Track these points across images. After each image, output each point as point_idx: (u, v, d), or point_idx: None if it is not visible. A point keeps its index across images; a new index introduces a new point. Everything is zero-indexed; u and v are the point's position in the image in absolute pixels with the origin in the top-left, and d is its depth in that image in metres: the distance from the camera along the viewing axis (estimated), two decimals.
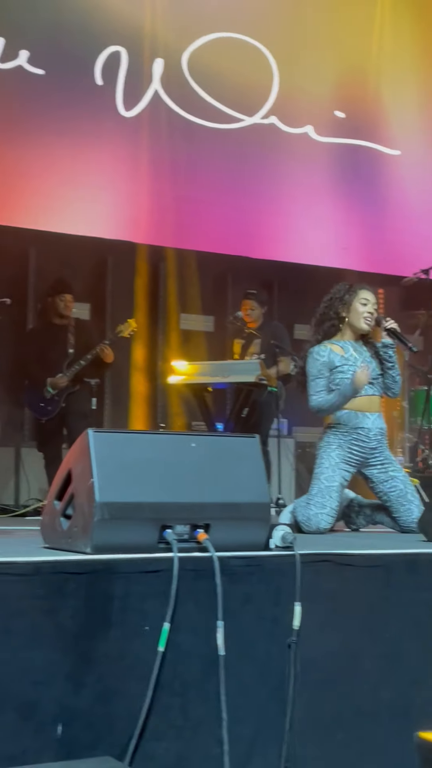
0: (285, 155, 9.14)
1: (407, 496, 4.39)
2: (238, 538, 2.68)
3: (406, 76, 9.85)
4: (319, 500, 4.27)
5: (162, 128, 8.59)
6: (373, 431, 4.43)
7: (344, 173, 9.43)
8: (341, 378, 4.38)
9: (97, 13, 8.27)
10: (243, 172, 8.91)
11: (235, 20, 8.98)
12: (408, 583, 2.82)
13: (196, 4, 8.81)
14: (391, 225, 9.61)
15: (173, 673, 2.44)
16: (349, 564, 2.76)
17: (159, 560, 2.47)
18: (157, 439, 2.68)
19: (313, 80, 9.30)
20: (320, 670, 2.66)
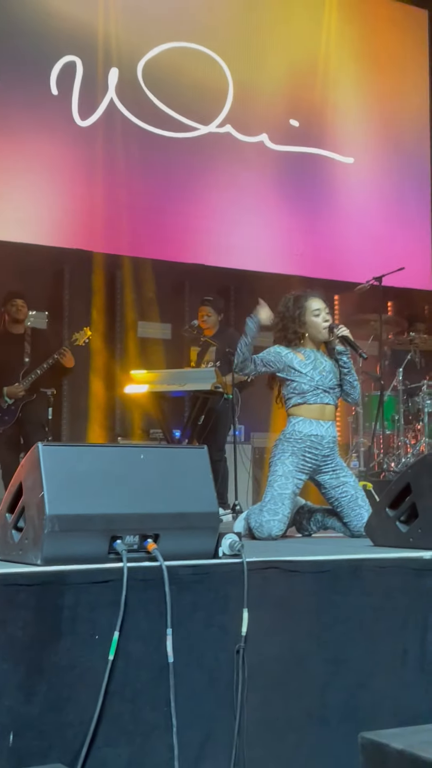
0: (240, 163, 9.23)
1: (358, 501, 4.48)
2: (187, 547, 2.73)
3: (357, 85, 9.99)
4: (271, 507, 4.34)
5: (117, 137, 8.63)
6: (326, 439, 4.51)
7: (299, 181, 9.54)
8: (298, 383, 4.48)
9: (51, 24, 8.31)
10: (199, 181, 8.99)
11: (189, 30, 9.05)
12: (353, 588, 2.89)
13: (150, 13, 8.87)
14: (345, 232, 9.74)
15: (123, 681, 2.49)
16: (295, 570, 2.82)
17: (109, 570, 2.52)
18: (107, 452, 2.73)
19: (268, 89, 9.40)
20: (268, 675, 2.72)
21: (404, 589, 2.99)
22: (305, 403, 4.51)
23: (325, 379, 4.53)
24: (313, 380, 4.49)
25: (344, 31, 9.99)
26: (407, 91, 10.40)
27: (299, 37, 9.70)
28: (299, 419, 4.50)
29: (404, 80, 10.41)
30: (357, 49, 10.06)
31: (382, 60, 10.24)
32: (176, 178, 8.91)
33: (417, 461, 3.45)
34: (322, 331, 4.56)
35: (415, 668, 2.96)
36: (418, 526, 3.35)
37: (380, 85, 10.17)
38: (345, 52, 9.98)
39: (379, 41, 10.24)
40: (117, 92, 8.64)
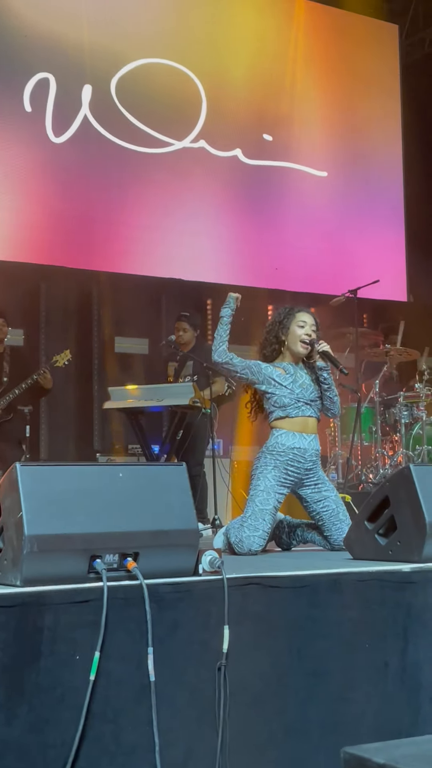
0: (215, 178, 9.28)
1: (339, 515, 4.49)
2: (167, 564, 2.74)
3: (329, 99, 10.07)
4: (252, 522, 4.34)
5: (92, 153, 8.66)
6: (309, 452, 4.52)
7: (273, 195, 9.60)
8: (278, 396, 4.50)
9: (24, 41, 8.33)
10: (174, 196, 9.02)
11: (162, 46, 9.10)
12: (333, 602, 2.91)
13: (123, 30, 8.91)
14: (320, 245, 9.79)
15: (105, 701, 2.48)
16: (275, 586, 2.83)
17: (88, 590, 2.52)
18: (85, 471, 2.73)
19: (241, 104, 9.47)
20: (250, 691, 2.72)
21: (384, 601, 3.00)
22: (287, 417, 4.51)
23: (305, 391, 4.54)
24: (293, 393, 4.51)
25: (316, 46, 10.08)
26: (379, 105, 10.50)
27: (271, 53, 9.77)
28: (282, 432, 4.51)
29: (376, 94, 10.50)
30: (329, 63, 10.14)
31: (354, 74, 10.33)
32: (151, 193, 8.94)
33: (395, 474, 3.47)
34: (297, 343, 4.58)
35: (396, 681, 2.97)
36: (396, 538, 3.37)
37: (352, 99, 10.26)
38: (317, 66, 10.06)
39: (350, 56, 10.34)
40: (91, 108, 8.66)
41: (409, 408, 7.78)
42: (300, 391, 4.53)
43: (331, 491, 4.58)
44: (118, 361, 8.75)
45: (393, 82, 10.68)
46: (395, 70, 10.72)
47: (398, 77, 10.71)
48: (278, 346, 4.63)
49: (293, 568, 3.03)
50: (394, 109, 10.63)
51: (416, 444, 7.70)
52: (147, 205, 8.89)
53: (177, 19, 9.33)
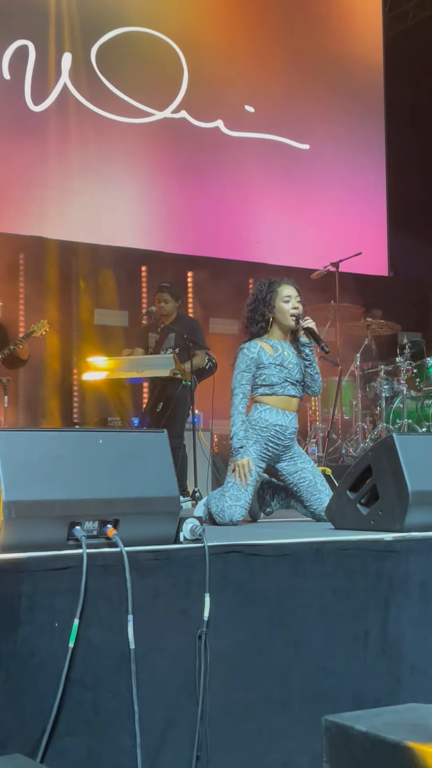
0: (196, 149, 9.20)
1: (317, 486, 4.49)
2: (148, 532, 2.70)
3: (311, 71, 9.99)
4: (234, 493, 4.33)
5: (71, 123, 8.56)
6: (289, 430, 4.53)
7: (255, 167, 9.53)
8: (267, 375, 4.48)
9: (1, 8, 8.19)
10: (154, 166, 8.94)
11: (143, 15, 8.99)
12: (314, 571, 2.88)
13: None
14: (301, 218, 9.74)
15: (84, 669, 2.45)
16: (257, 554, 2.80)
17: (68, 557, 2.48)
18: (64, 437, 2.68)
19: (223, 75, 9.37)
20: (230, 660, 2.70)
21: (365, 571, 2.98)
22: (273, 394, 4.52)
23: (292, 371, 4.54)
24: (282, 372, 4.50)
25: (298, 17, 9.98)
26: (362, 78, 10.43)
27: (253, 24, 9.67)
28: (266, 407, 4.50)
29: (359, 67, 10.43)
30: (312, 35, 10.05)
31: (336, 47, 10.25)
32: (131, 163, 8.85)
33: (377, 444, 3.45)
34: (288, 318, 4.55)
35: (377, 651, 2.95)
36: (378, 508, 3.35)
37: (335, 72, 10.18)
38: (300, 38, 9.97)
39: (333, 28, 10.25)
40: (71, 77, 8.55)
41: (389, 382, 7.77)
42: (287, 371, 4.52)
43: (308, 463, 4.59)
44: (97, 334, 8.68)
45: (376, 55, 10.60)
46: (378, 43, 10.64)
47: (381, 50, 10.63)
48: (265, 324, 4.60)
49: (275, 537, 3.00)
50: (377, 82, 10.56)
51: (396, 418, 7.70)
52: (127, 175, 8.79)
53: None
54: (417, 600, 3.04)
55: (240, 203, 9.42)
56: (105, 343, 8.63)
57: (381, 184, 10.44)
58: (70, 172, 8.50)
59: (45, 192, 8.37)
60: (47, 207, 8.37)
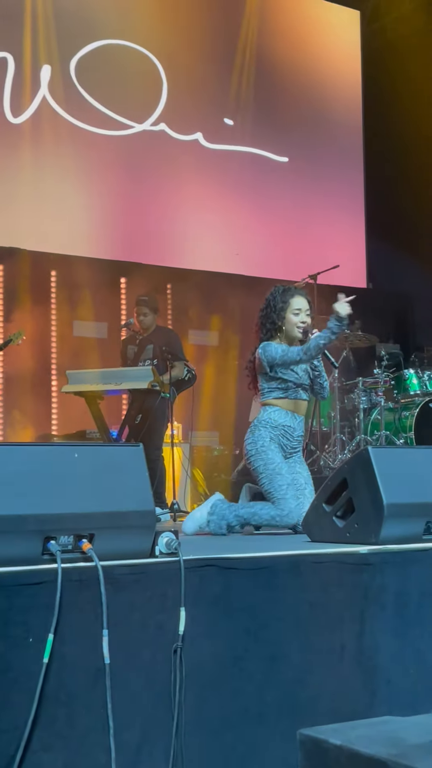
0: (175, 162, 9.22)
1: (305, 492, 4.57)
2: (123, 546, 2.70)
3: (290, 84, 10.04)
4: (293, 492, 4.49)
5: (50, 135, 8.56)
6: (297, 431, 4.71)
7: (234, 180, 9.56)
8: (285, 373, 4.64)
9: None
10: (134, 179, 8.95)
11: (122, 28, 9.02)
12: (290, 584, 2.89)
13: (83, 10, 8.81)
14: (280, 230, 9.77)
15: (59, 684, 2.44)
16: (232, 567, 2.81)
17: (42, 572, 2.47)
18: (40, 451, 2.68)
19: (202, 88, 9.41)
20: (206, 674, 2.70)
21: (341, 583, 2.99)
22: (286, 398, 4.67)
23: (303, 376, 4.71)
24: (296, 373, 4.67)
25: (278, 31, 10.04)
26: (340, 92, 10.48)
27: (231, 36, 9.72)
28: (275, 409, 4.66)
29: (337, 81, 10.49)
30: (290, 48, 10.11)
31: (315, 60, 10.31)
32: (110, 175, 8.86)
33: (353, 457, 3.46)
34: (295, 330, 4.69)
35: (352, 663, 2.96)
36: (354, 521, 3.36)
37: (313, 85, 10.23)
38: (278, 51, 10.02)
39: (312, 41, 10.31)
40: (50, 89, 8.55)
41: (367, 394, 7.81)
42: (298, 376, 4.68)
43: (304, 470, 4.73)
44: (76, 345, 8.67)
45: (354, 69, 10.66)
46: (357, 57, 10.71)
47: (360, 64, 10.70)
48: (274, 331, 4.73)
49: (251, 550, 3.01)
50: (356, 96, 10.62)
51: (374, 429, 7.73)
52: (106, 187, 8.80)
53: (136, 1, 9.23)
54: (392, 613, 3.05)
55: (219, 215, 9.44)
56: (83, 354, 8.62)
57: (359, 196, 10.50)
58: (49, 183, 8.50)
59: (23, 203, 8.36)
60: (25, 218, 8.36)
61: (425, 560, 3.17)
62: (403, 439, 7.61)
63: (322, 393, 4.84)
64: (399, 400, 7.92)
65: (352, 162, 10.47)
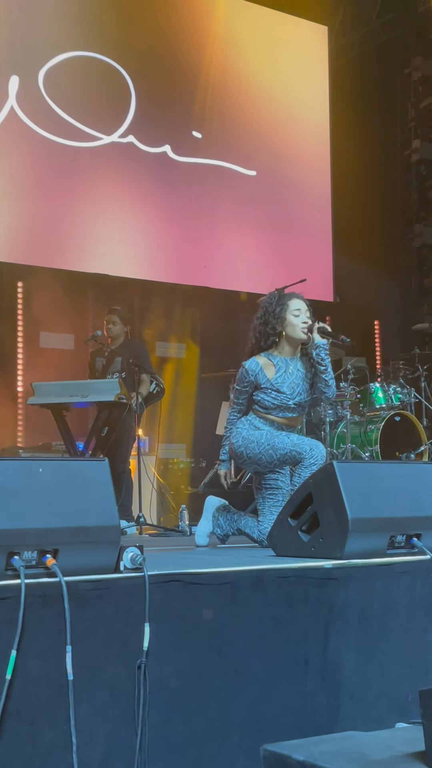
0: (144, 174, 9.23)
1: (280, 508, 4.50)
2: (88, 561, 2.69)
3: (258, 98, 10.08)
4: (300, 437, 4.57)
5: (18, 145, 8.53)
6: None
7: (202, 192, 9.58)
8: (262, 398, 4.54)
9: None
10: (102, 191, 8.94)
11: (91, 40, 9.02)
12: (255, 599, 2.89)
13: (51, 22, 8.80)
14: (248, 243, 9.80)
15: (21, 701, 2.43)
16: (197, 583, 2.80)
17: (5, 587, 2.45)
18: (3, 466, 2.66)
19: (170, 101, 9.43)
20: (170, 690, 2.69)
21: (305, 598, 3.00)
22: (268, 415, 4.58)
23: (291, 394, 4.54)
24: (277, 399, 4.53)
25: (247, 45, 10.09)
26: (308, 106, 10.55)
27: (198, 50, 9.75)
28: (260, 421, 4.57)
29: (305, 95, 10.55)
30: (259, 63, 10.16)
31: (283, 74, 10.37)
32: (79, 187, 8.84)
33: (318, 471, 3.48)
34: (298, 331, 4.56)
35: (316, 678, 2.97)
36: (319, 535, 3.37)
37: (281, 99, 10.29)
38: (247, 66, 10.07)
39: (281, 56, 10.37)
40: (18, 100, 8.52)
41: (333, 407, 7.84)
42: (283, 397, 4.53)
43: (287, 485, 4.59)
44: (43, 357, 8.63)
45: (322, 84, 10.74)
46: (324, 72, 10.79)
47: (328, 79, 10.78)
48: (276, 337, 4.61)
49: (215, 565, 3.01)
50: (323, 111, 10.69)
51: (340, 442, 7.76)
52: (74, 199, 8.78)
53: (104, 13, 9.25)
54: (356, 627, 3.06)
55: (187, 228, 9.46)
56: (50, 366, 8.58)
57: (326, 211, 10.56)
58: (16, 194, 8.47)
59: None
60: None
61: (389, 575, 3.19)
62: (369, 452, 7.66)
63: (327, 392, 4.59)
64: (365, 414, 7.96)
65: (319, 176, 10.53)
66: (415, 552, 3.38)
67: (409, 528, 3.41)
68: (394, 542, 3.38)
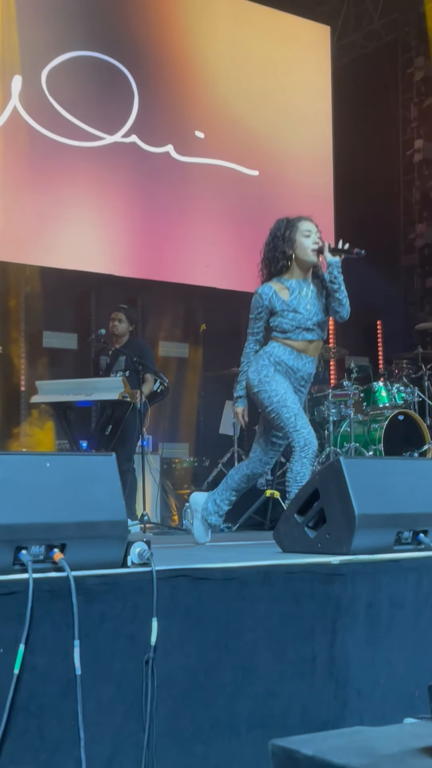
0: (146, 174, 9.22)
1: None
2: (95, 556, 2.69)
3: (261, 98, 10.07)
4: (303, 420, 4.37)
5: (22, 145, 8.53)
6: (299, 373, 4.47)
7: (205, 192, 9.58)
8: (280, 322, 4.42)
9: None
10: (104, 190, 8.94)
11: (94, 39, 9.02)
12: (262, 594, 2.88)
13: (53, 21, 8.80)
14: (251, 243, 9.73)
15: (29, 695, 2.42)
16: (205, 578, 2.80)
17: (13, 582, 2.45)
18: (11, 460, 2.66)
19: (173, 100, 9.42)
20: (177, 685, 2.69)
21: (312, 594, 2.99)
22: (288, 339, 4.45)
23: (308, 314, 4.43)
24: (295, 320, 4.41)
25: (249, 45, 10.08)
26: (311, 106, 10.54)
27: (204, 50, 9.75)
28: (279, 345, 4.44)
29: (308, 95, 10.55)
30: (261, 62, 10.15)
31: (286, 74, 10.36)
32: (82, 187, 8.84)
33: (324, 467, 3.47)
34: (309, 253, 4.47)
35: (324, 674, 2.96)
36: (326, 531, 3.37)
37: (284, 99, 10.28)
38: (250, 65, 10.06)
39: (283, 56, 10.37)
40: (21, 100, 8.53)
41: (337, 406, 7.84)
42: (301, 318, 4.42)
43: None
44: (46, 356, 8.63)
45: (325, 83, 10.73)
46: (327, 72, 10.78)
47: (330, 78, 10.78)
48: (286, 261, 4.52)
49: (223, 561, 3.00)
50: (326, 110, 10.69)
51: (344, 441, 7.76)
52: (77, 198, 8.78)
53: (106, 13, 9.25)
54: (363, 623, 3.06)
55: (190, 228, 9.45)
56: (54, 365, 8.60)
57: (329, 210, 10.55)
58: (19, 194, 8.47)
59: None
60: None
61: (396, 571, 3.19)
62: (373, 451, 7.65)
63: (341, 311, 4.48)
64: (368, 413, 7.95)
65: (322, 176, 10.52)
66: (421, 548, 3.38)
67: (416, 524, 3.41)
68: (401, 538, 3.38)
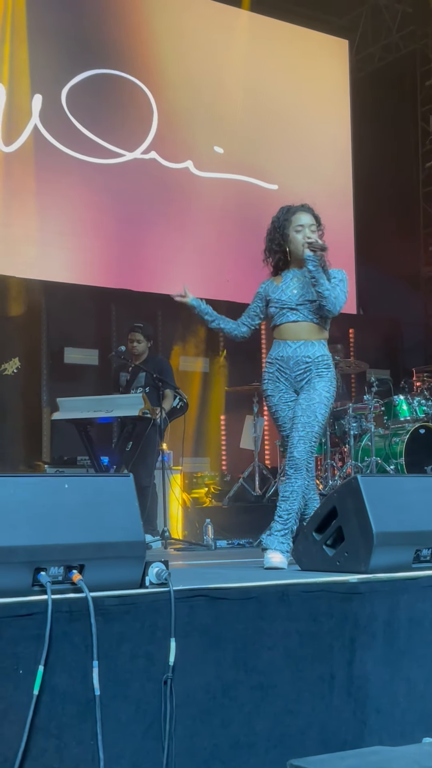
0: (166, 190, 9.28)
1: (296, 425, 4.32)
2: (113, 577, 2.71)
3: (280, 113, 10.12)
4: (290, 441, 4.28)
5: (43, 163, 8.61)
6: (292, 360, 4.36)
7: (224, 207, 9.62)
8: (270, 309, 4.48)
9: None
10: (125, 207, 9.00)
11: (113, 57, 9.10)
12: (280, 613, 2.89)
13: (73, 40, 8.89)
14: None
15: (49, 716, 2.44)
16: (222, 598, 2.81)
17: (32, 603, 2.47)
18: (30, 482, 2.69)
19: (192, 116, 9.48)
20: (196, 704, 2.70)
21: (330, 613, 3.00)
22: (275, 326, 4.45)
23: (292, 296, 4.40)
24: (279, 302, 4.42)
25: (267, 60, 10.14)
26: (330, 119, 10.58)
27: (220, 65, 9.81)
28: (273, 343, 4.47)
29: (327, 108, 10.58)
30: (280, 77, 10.20)
31: (304, 88, 10.40)
32: (101, 203, 8.91)
33: (342, 485, 3.48)
34: (300, 249, 4.43)
35: (342, 693, 2.97)
36: (344, 549, 3.37)
37: (303, 113, 10.32)
38: (268, 79, 10.12)
39: (301, 70, 10.41)
40: (41, 118, 8.61)
41: (357, 420, 7.83)
42: (286, 298, 4.40)
43: (308, 397, 4.31)
44: (67, 372, 8.68)
45: (343, 97, 10.77)
46: (345, 85, 10.82)
47: (348, 92, 10.80)
48: (282, 255, 4.54)
49: (240, 580, 3.02)
50: (345, 123, 10.72)
51: (365, 455, 7.75)
52: (97, 215, 8.85)
53: (127, 31, 9.33)
54: (381, 642, 3.05)
55: (210, 243, 9.50)
56: (75, 381, 8.64)
57: (349, 224, 10.57)
58: (40, 211, 8.55)
59: (13, 231, 8.40)
60: (16, 245, 8.40)
61: (415, 589, 3.19)
62: (394, 465, 7.63)
63: (326, 305, 4.34)
64: (389, 426, 7.94)
65: (342, 190, 10.55)
66: None
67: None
68: (419, 556, 3.37)
